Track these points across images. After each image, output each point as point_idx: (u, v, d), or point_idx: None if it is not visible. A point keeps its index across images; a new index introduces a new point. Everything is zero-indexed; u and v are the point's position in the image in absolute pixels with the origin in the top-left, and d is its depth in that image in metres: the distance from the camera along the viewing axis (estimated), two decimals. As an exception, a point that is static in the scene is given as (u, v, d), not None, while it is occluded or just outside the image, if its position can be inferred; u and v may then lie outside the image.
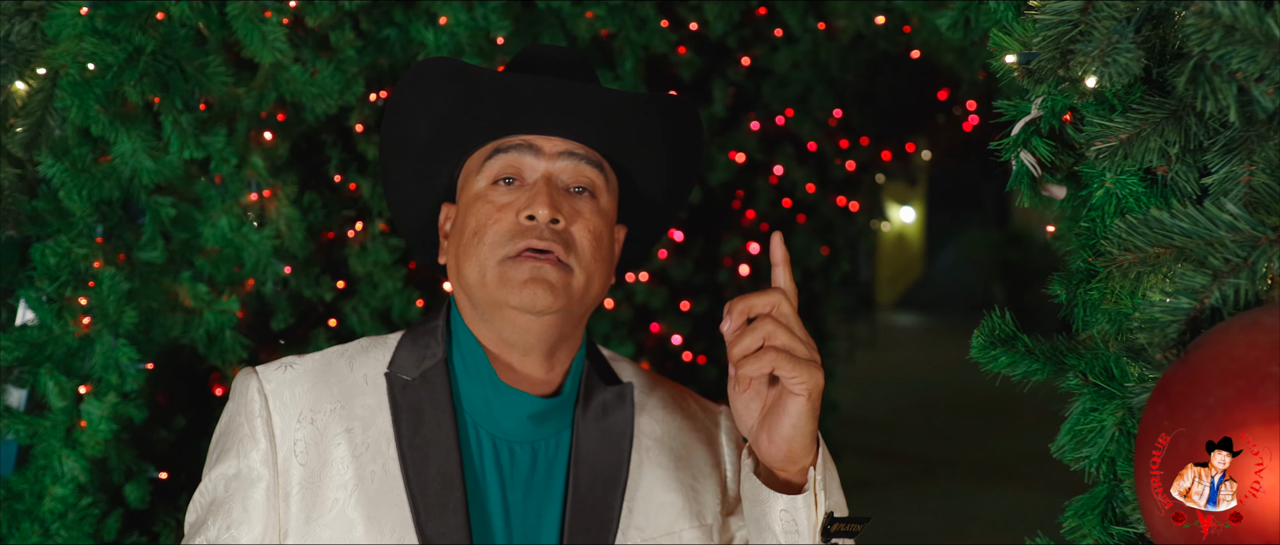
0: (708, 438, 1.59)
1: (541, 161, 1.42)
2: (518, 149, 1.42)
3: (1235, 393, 0.90)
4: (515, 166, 1.42)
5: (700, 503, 1.52)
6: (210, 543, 1.44)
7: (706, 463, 1.56)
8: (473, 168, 1.49)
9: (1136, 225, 1.12)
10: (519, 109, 1.41)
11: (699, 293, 4.27)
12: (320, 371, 1.50)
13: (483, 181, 1.45)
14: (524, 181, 1.42)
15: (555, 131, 1.42)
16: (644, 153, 1.50)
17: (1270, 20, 0.99)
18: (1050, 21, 1.15)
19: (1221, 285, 1.04)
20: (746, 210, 4.35)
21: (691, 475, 1.53)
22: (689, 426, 1.57)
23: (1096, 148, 1.17)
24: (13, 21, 2.23)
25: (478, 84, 1.41)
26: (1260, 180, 1.09)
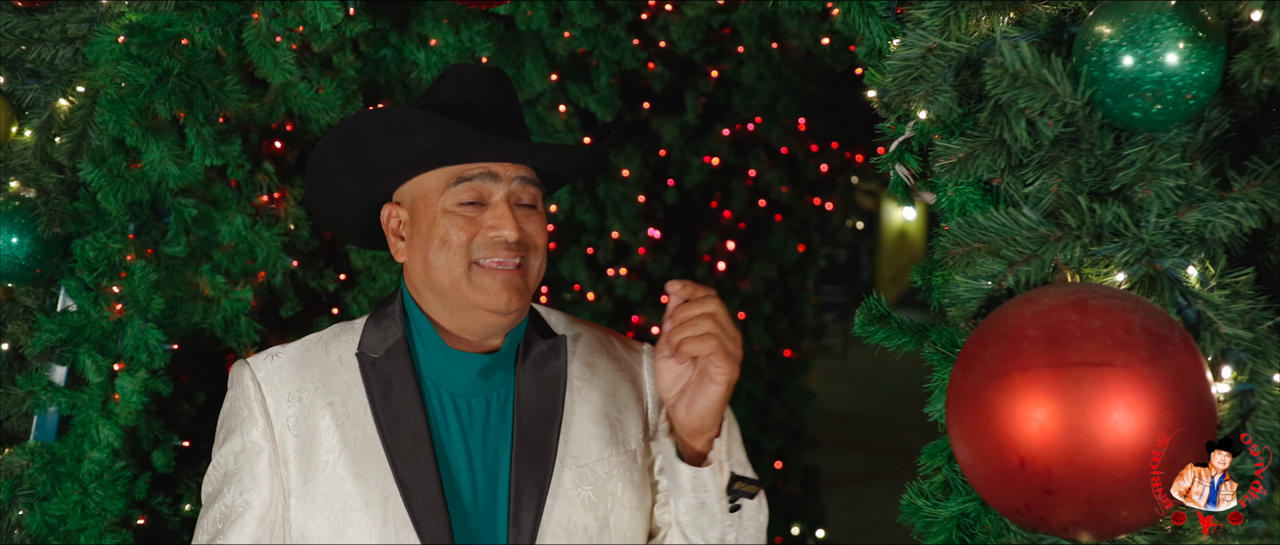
0: (631, 375, 1.81)
1: (500, 185, 1.65)
2: (480, 177, 1.65)
3: (1004, 350, 1.18)
4: (479, 191, 1.65)
5: (625, 432, 1.74)
6: (228, 506, 1.66)
7: (630, 397, 1.79)
8: (432, 186, 1.69)
9: (963, 225, 1.40)
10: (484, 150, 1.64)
11: None
12: (302, 357, 1.73)
13: (449, 201, 1.66)
14: (487, 202, 1.65)
15: (509, 160, 1.65)
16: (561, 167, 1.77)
17: (1046, 71, 1.28)
18: (897, 67, 1.43)
19: (1015, 272, 1.33)
20: (723, 210, 4.51)
21: (617, 409, 1.76)
22: (614, 367, 1.80)
23: (940, 164, 1.45)
24: (57, 47, 2.45)
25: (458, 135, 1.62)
26: (1064, 190, 1.37)
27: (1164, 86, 1.23)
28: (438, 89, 1.74)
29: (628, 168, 3.95)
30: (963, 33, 1.39)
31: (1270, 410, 1.22)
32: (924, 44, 1.40)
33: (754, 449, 4.76)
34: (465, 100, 1.70)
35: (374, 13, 2.57)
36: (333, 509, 1.65)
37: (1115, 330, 1.14)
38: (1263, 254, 1.37)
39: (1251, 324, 1.27)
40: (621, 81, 3.59)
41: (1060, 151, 1.34)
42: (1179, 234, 1.31)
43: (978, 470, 1.20)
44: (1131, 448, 1.12)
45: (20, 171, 2.47)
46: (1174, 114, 1.26)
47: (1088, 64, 1.27)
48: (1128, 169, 1.30)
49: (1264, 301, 1.29)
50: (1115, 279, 1.31)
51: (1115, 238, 1.31)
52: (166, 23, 2.34)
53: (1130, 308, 1.17)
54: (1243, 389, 1.23)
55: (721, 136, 4.08)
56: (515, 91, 1.79)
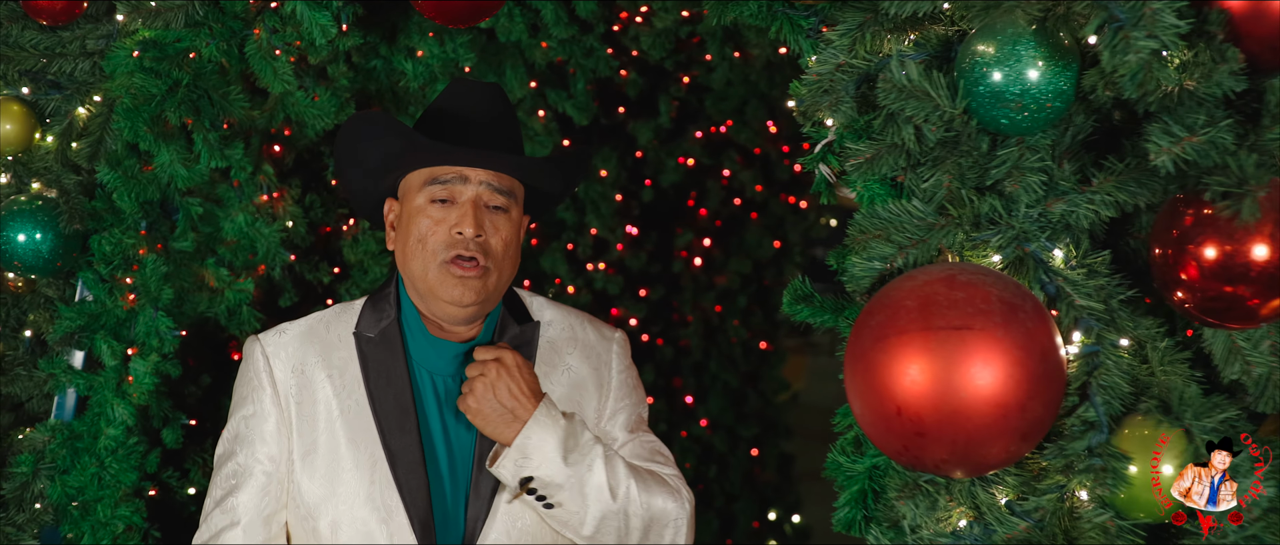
0: (597, 360, 1.99)
1: (469, 187, 1.83)
2: (452, 180, 1.83)
3: (885, 317, 1.41)
4: (449, 192, 1.83)
5: (583, 411, 1.93)
6: (240, 465, 1.86)
7: (591, 381, 1.97)
8: (414, 184, 1.86)
9: (865, 215, 1.63)
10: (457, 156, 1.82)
11: (655, 281, 4.63)
12: (306, 334, 1.93)
13: (422, 199, 1.84)
14: (455, 202, 1.83)
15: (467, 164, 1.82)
16: (539, 180, 1.93)
17: (927, 85, 1.51)
18: (812, 81, 1.66)
19: (905, 255, 1.56)
20: (700, 208, 4.69)
21: (579, 391, 1.95)
22: (580, 351, 1.98)
23: (851, 164, 1.68)
24: (77, 61, 2.59)
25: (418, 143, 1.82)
26: (955, 185, 1.60)
27: (1026, 97, 1.46)
28: (438, 100, 1.92)
29: (605, 168, 4.16)
30: (867, 52, 1.62)
31: (1112, 368, 1.45)
32: (834, 61, 1.63)
33: (731, 437, 4.95)
34: (454, 110, 1.89)
35: (364, 28, 2.74)
36: (328, 469, 1.84)
37: (976, 300, 1.37)
38: (1122, 239, 1.60)
39: (1105, 298, 1.50)
40: (597, 88, 3.78)
41: (945, 152, 1.57)
42: (1046, 222, 1.53)
43: (865, 418, 1.43)
44: (988, 396, 1.35)
45: (43, 173, 2.61)
46: (1037, 120, 1.49)
47: (964, 78, 1.50)
48: (1000, 167, 1.53)
49: (1118, 279, 1.52)
50: (992, 260, 1.54)
51: (991, 225, 1.54)
52: (176, 38, 2.49)
53: (990, 282, 1.40)
54: (1089, 350, 1.46)
55: (695, 138, 4.26)
56: (510, 107, 1.95)
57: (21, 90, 2.65)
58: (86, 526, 2.63)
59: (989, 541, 1.44)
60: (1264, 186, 1.33)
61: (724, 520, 4.95)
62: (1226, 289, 1.40)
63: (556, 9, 2.85)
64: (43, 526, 2.62)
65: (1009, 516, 1.46)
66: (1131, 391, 1.45)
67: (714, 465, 4.88)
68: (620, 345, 2.04)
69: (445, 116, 1.89)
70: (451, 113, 1.89)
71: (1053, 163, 1.54)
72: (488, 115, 1.89)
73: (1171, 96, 1.41)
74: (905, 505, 1.47)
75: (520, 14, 2.90)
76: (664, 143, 4.29)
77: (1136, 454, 1.41)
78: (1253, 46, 1.40)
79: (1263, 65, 1.41)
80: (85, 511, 2.63)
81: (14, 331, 2.72)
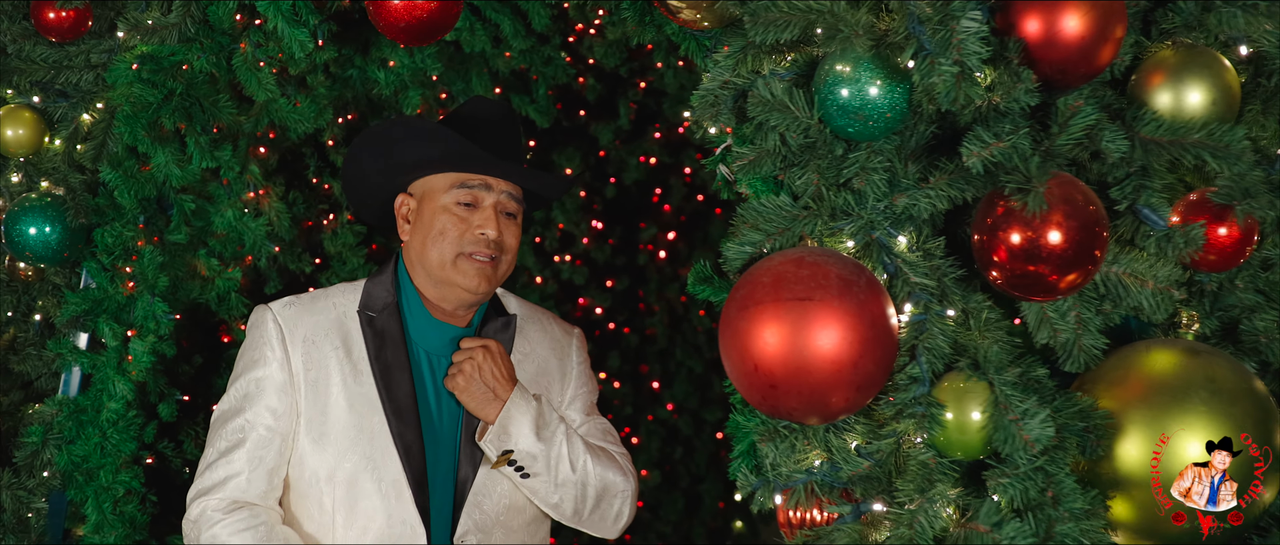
0: (561, 352, 2.25)
1: (491, 194, 2.08)
2: (479, 186, 2.07)
3: (747, 291, 1.71)
4: (474, 196, 2.07)
5: (547, 394, 2.18)
6: (247, 421, 2.01)
7: (556, 370, 2.23)
8: (439, 185, 2.07)
9: (744, 209, 1.92)
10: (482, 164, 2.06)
11: (621, 273, 4.86)
12: (313, 307, 2.11)
13: (448, 199, 2.06)
14: (479, 206, 2.08)
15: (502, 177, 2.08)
16: (552, 194, 2.22)
17: (787, 99, 1.81)
18: (701, 95, 1.96)
19: (772, 241, 1.85)
20: (664, 204, 4.91)
21: (546, 379, 2.21)
22: (547, 343, 2.24)
23: (737, 165, 1.97)
24: (82, 73, 2.82)
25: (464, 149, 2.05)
26: (822, 181, 1.90)
27: (867, 110, 1.76)
28: (462, 111, 2.14)
29: (569, 167, 4.43)
30: (748, 71, 1.92)
31: (937, 334, 1.74)
32: (721, 78, 1.93)
33: (696, 420, 5.10)
34: (478, 123, 2.13)
35: (339, 42, 2.99)
36: (332, 434, 2.03)
37: (818, 277, 1.67)
38: (961, 227, 1.90)
39: (939, 276, 1.80)
40: (558, 93, 4.03)
41: (808, 156, 1.87)
42: (891, 213, 1.82)
43: (732, 374, 1.74)
44: (828, 355, 1.65)
45: (51, 173, 2.83)
46: (877, 129, 1.78)
47: (819, 94, 1.79)
48: (851, 167, 1.82)
49: (951, 261, 1.82)
50: (846, 246, 1.83)
51: (845, 217, 1.83)
52: (171, 53, 2.73)
53: (831, 262, 1.70)
54: (918, 319, 1.76)
55: (654, 139, 4.49)
56: (518, 125, 2.20)
57: (32, 99, 2.88)
58: (90, 491, 2.84)
59: (836, 477, 1.74)
60: (1044, 183, 1.63)
61: (690, 500, 5.10)
62: (1030, 268, 1.70)
63: (514, 22, 3.13)
64: (51, 490, 2.83)
65: (855, 456, 1.76)
66: (951, 352, 1.75)
67: (680, 447, 5.05)
68: (579, 340, 2.32)
69: (470, 127, 2.11)
70: (475, 125, 2.11)
71: (899, 163, 1.84)
72: (508, 131, 2.14)
73: (982, 110, 1.72)
74: (767, 447, 1.77)
75: (482, 27, 3.17)
76: (625, 143, 4.53)
77: (950, 403, 1.71)
78: (1045, 69, 1.71)
79: (1053, 84, 1.72)
80: (89, 477, 2.84)
81: (24, 316, 2.95)
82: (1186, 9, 1.80)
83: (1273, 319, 1.88)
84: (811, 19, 1.74)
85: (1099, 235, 1.70)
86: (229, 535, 1.96)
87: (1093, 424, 1.72)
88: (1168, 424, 1.70)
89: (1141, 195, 1.77)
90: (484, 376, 2.05)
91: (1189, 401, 1.70)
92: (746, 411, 1.97)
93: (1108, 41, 1.70)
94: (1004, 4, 1.72)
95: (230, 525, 1.97)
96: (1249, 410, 1.71)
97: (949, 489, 1.70)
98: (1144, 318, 1.86)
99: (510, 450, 2.06)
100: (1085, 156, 1.79)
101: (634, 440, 4.93)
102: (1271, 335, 1.86)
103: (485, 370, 2.05)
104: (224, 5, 2.70)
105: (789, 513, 1.78)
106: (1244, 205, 1.70)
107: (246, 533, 1.97)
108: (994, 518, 1.63)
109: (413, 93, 3.29)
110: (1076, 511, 1.63)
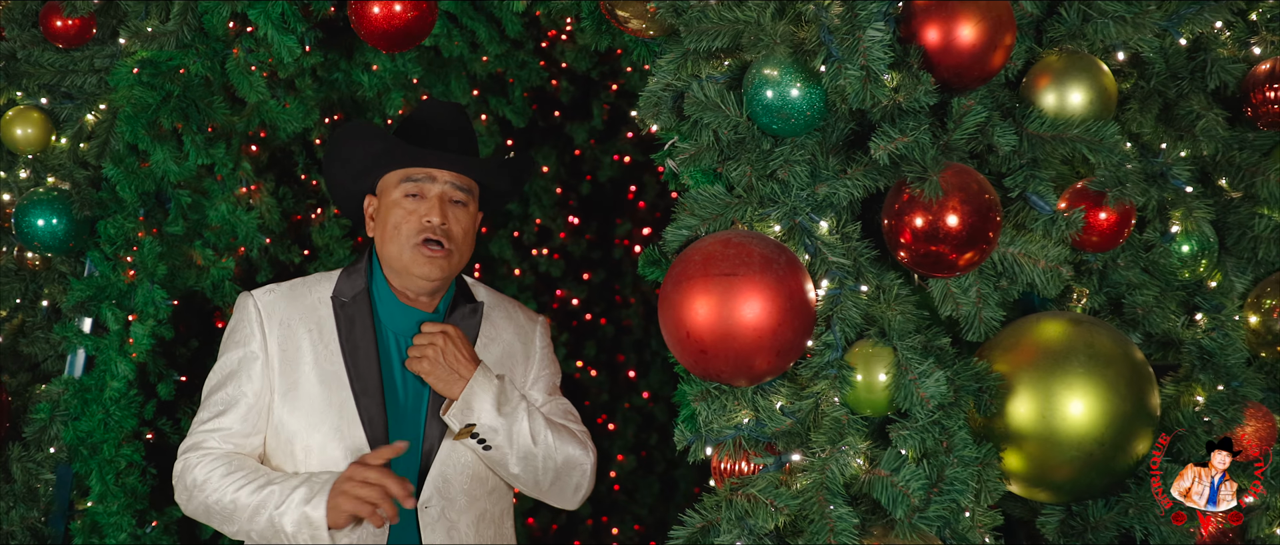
0: (525, 337, 2.43)
1: (437, 185, 2.25)
2: (423, 179, 2.24)
3: (681, 268, 1.93)
4: (420, 189, 2.25)
5: (512, 375, 2.37)
6: (230, 394, 2.20)
7: (521, 354, 2.41)
8: (391, 182, 2.25)
9: (684, 198, 2.15)
10: (427, 158, 2.23)
11: (597, 266, 5.04)
12: (290, 293, 2.30)
13: (398, 194, 2.24)
14: (425, 196, 2.24)
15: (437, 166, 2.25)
16: (492, 180, 2.36)
17: (719, 100, 2.04)
18: (646, 96, 2.18)
19: (707, 225, 2.07)
20: (639, 201, 5.08)
21: (511, 361, 2.39)
22: (512, 329, 2.42)
23: (680, 158, 2.20)
24: (87, 76, 2.97)
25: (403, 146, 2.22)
26: (753, 173, 2.12)
27: (789, 109, 1.99)
28: (411, 114, 2.32)
29: (547, 165, 4.64)
30: (686, 75, 2.15)
31: (850, 306, 1.97)
32: (663, 81, 2.15)
33: (671, 408, 5.22)
34: (425, 123, 2.31)
35: (326, 47, 3.17)
36: (304, 406, 2.21)
37: (742, 256, 1.89)
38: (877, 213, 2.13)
39: (855, 256, 2.04)
40: (533, 95, 4.23)
41: (739, 150, 2.10)
42: (814, 201, 2.06)
43: (669, 342, 1.96)
44: (750, 324, 1.86)
45: (58, 169, 2.98)
46: (798, 126, 2.01)
47: (747, 95, 2.02)
48: (777, 160, 2.05)
49: (867, 242, 2.05)
50: (774, 230, 2.06)
51: (772, 204, 2.05)
52: (169, 58, 2.89)
53: (754, 242, 1.93)
54: (834, 293, 1.99)
55: (627, 138, 4.67)
56: (470, 122, 2.38)
57: (40, 100, 3.03)
58: (94, 464, 2.98)
59: (761, 432, 1.97)
60: (939, 173, 1.86)
61: (665, 484, 5.24)
62: (931, 248, 1.94)
63: (489, 29, 3.35)
64: (58, 463, 2.98)
65: (779, 415, 1.98)
66: (863, 323, 1.98)
67: (655, 433, 5.19)
68: (543, 326, 2.50)
69: (417, 127, 2.30)
70: (422, 124, 2.30)
71: (821, 156, 2.07)
72: (452, 128, 2.33)
73: (888, 109, 1.95)
74: (701, 406, 2.00)
75: (459, 33, 3.38)
76: (600, 142, 4.72)
77: (859, 366, 1.94)
78: (943, 73, 1.94)
79: (951, 86, 1.96)
80: (93, 451, 2.98)
81: (32, 302, 3.09)
82: (1069, 19, 2.03)
83: (1152, 295, 2.12)
84: (739, 29, 1.97)
85: (992, 219, 1.94)
86: (201, 468, 2.18)
87: (986, 385, 1.96)
88: (1051, 384, 1.93)
89: (1031, 184, 2.01)
90: (447, 359, 2.21)
91: (1070, 365, 1.93)
92: (689, 380, 2.18)
93: (998, 48, 1.94)
94: (907, 15, 1.95)
95: (207, 465, 2.18)
96: (1123, 372, 1.94)
97: (859, 442, 1.93)
98: (1039, 293, 2.09)
99: (473, 424, 2.23)
100: (982, 149, 2.03)
101: (610, 427, 5.08)
102: (1150, 309, 2.10)
103: (449, 353, 2.22)
104: (218, 13, 2.88)
105: (720, 463, 2.00)
106: (1116, 192, 1.94)
107: (218, 463, 2.18)
108: (894, 464, 1.86)
109: (395, 94, 3.45)
110: (966, 458, 1.86)
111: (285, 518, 2.08)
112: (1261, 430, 2.03)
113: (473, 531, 2.26)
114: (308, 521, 2.07)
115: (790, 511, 1.87)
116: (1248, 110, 2.16)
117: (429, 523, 2.21)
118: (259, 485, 2.13)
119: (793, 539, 1.88)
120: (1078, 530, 2.07)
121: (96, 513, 2.99)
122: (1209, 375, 2.08)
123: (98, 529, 3.02)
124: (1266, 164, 2.14)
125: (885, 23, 1.90)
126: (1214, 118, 2.10)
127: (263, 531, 2.12)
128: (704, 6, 2.00)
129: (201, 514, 2.21)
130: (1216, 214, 2.18)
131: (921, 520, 1.83)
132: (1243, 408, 2.02)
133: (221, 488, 2.15)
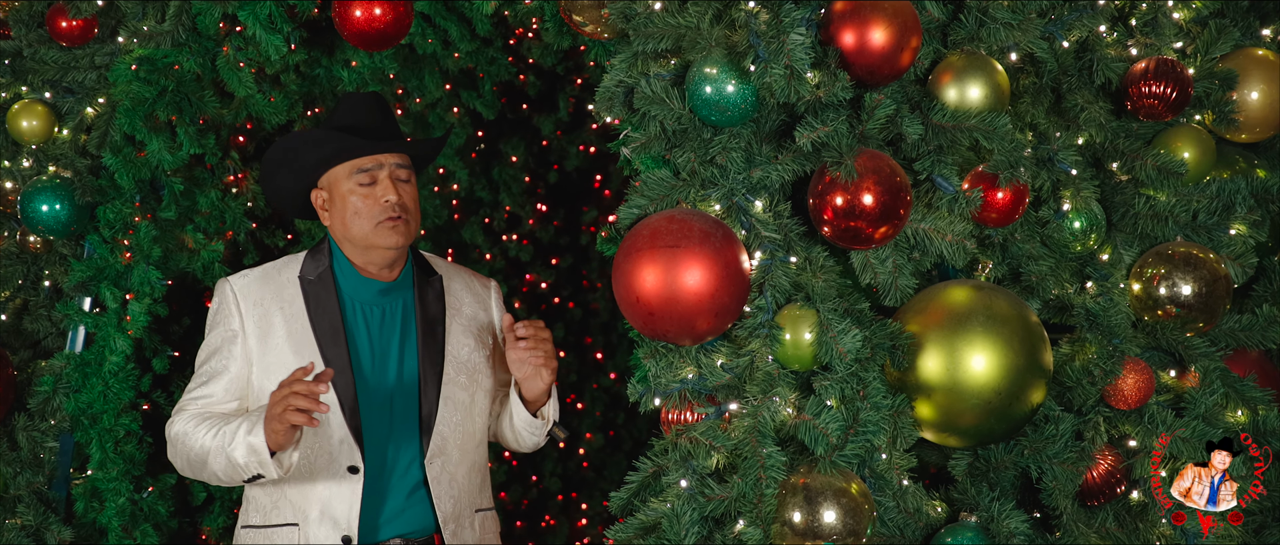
0: (484, 303, 2.66)
1: (384, 168, 2.46)
2: (372, 167, 2.45)
3: (631, 242, 2.20)
4: (372, 175, 2.45)
5: (480, 341, 2.61)
6: (213, 368, 2.42)
7: (485, 321, 2.64)
8: (340, 175, 2.43)
9: (637, 183, 2.42)
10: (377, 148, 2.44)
11: (565, 251, 5.24)
12: (262, 276, 2.51)
13: (351, 184, 2.44)
14: (377, 181, 2.45)
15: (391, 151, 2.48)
16: (427, 155, 2.62)
17: (664, 94, 2.31)
18: (602, 92, 2.43)
19: (655, 205, 2.35)
20: (605, 189, 5.24)
21: (477, 325, 2.62)
22: (470, 297, 2.64)
23: (632, 147, 2.47)
24: (87, 72, 3.14)
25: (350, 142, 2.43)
26: (696, 159, 2.38)
27: (725, 103, 2.25)
28: (338, 112, 2.53)
29: (515, 155, 4.87)
30: (637, 73, 2.41)
31: (780, 275, 2.25)
32: (616, 78, 2.41)
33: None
34: (358, 116, 2.52)
35: (309, 46, 3.39)
36: (279, 371, 2.40)
37: (684, 230, 2.16)
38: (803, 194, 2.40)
39: (785, 232, 2.31)
40: (502, 88, 4.47)
41: (683, 139, 2.36)
42: (750, 183, 2.32)
43: (622, 307, 2.23)
44: (692, 289, 2.14)
45: (59, 158, 3.13)
46: (734, 118, 2.28)
47: (690, 90, 2.29)
48: (717, 148, 2.32)
49: (797, 219, 2.33)
50: (714, 209, 2.33)
51: (713, 186, 2.32)
52: (164, 55, 3.09)
53: (695, 219, 2.20)
54: (765, 264, 2.27)
55: (592, 129, 4.87)
56: (389, 107, 2.61)
57: (44, 94, 3.20)
58: (94, 433, 3.16)
59: (703, 386, 2.25)
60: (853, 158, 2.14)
61: (632, 462, 5.33)
62: (850, 224, 2.22)
63: (460, 28, 3.60)
64: (61, 432, 3.14)
65: (719, 371, 2.26)
66: (791, 289, 2.26)
67: (623, 413, 5.34)
68: (495, 290, 2.73)
69: (352, 121, 2.51)
70: (355, 117, 2.52)
71: (756, 144, 2.34)
72: (381, 116, 2.56)
73: (811, 103, 2.23)
74: (650, 363, 2.27)
75: (432, 31, 3.62)
76: (566, 133, 4.94)
77: (787, 326, 2.22)
78: (858, 72, 2.23)
79: (866, 83, 2.24)
80: (93, 421, 3.16)
81: (34, 282, 3.25)
82: (968, 24, 2.32)
83: (1048, 266, 2.41)
84: (681, 33, 2.25)
85: (903, 198, 2.22)
86: (180, 424, 2.41)
87: (900, 343, 2.24)
88: (956, 342, 2.21)
89: (937, 168, 2.29)
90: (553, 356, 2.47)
91: (971, 325, 2.22)
92: (641, 341, 2.40)
93: (906, 50, 2.22)
94: (826, 21, 2.23)
95: (184, 421, 2.41)
96: (1017, 331, 2.23)
97: (788, 392, 2.21)
98: (949, 264, 2.38)
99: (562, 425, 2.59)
100: (894, 137, 2.31)
101: (579, 406, 5.24)
102: (1045, 277, 2.39)
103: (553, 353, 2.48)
104: (210, 14, 3.09)
105: (668, 414, 2.28)
106: (1009, 174, 2.23)
107: (193, 419, 2.40)
108: (816, 409, 2.15)
109: (372, 89, 3.64)
110: (879, 404, 2.15)
111: (236, 451, 2.29)
112: (1140, 382, 2.33)
113: (467, 481, 2.55)
114: (252, 450, 2.28)
115: (727, 452, 2.15)
116: (1128, 104, 2.45)
117: (434, 476, 2.49)
118: (219, 430, 2.35)
119: (730, 476, 2.16)
120: (982, 471, 2.36)
121: (96, 479, 3.15)
122: (1096, 335, 2.37)
123: (97, 493, 3.18)
124: (1146, 151, 2.44)
125: (807, 27, 2.17)
126: (1098, 109, 2.40)
127: (226, 469, 2.34)
128: (650, 13, 2.27)
129: (185, 466, 2.43)
130: (1105, 194, 2.47)
131: (840, 457, 2.12)
132: (1122, 361, 2.31)
133: (193, 436, 2.38)
